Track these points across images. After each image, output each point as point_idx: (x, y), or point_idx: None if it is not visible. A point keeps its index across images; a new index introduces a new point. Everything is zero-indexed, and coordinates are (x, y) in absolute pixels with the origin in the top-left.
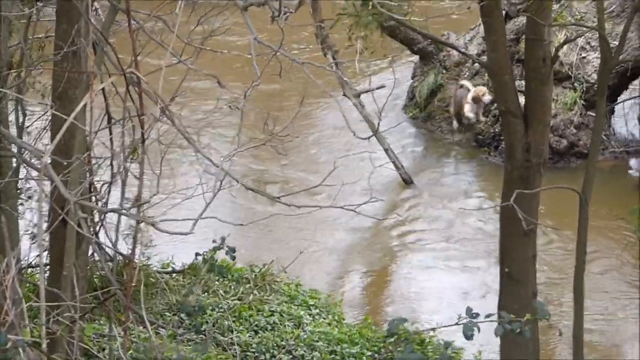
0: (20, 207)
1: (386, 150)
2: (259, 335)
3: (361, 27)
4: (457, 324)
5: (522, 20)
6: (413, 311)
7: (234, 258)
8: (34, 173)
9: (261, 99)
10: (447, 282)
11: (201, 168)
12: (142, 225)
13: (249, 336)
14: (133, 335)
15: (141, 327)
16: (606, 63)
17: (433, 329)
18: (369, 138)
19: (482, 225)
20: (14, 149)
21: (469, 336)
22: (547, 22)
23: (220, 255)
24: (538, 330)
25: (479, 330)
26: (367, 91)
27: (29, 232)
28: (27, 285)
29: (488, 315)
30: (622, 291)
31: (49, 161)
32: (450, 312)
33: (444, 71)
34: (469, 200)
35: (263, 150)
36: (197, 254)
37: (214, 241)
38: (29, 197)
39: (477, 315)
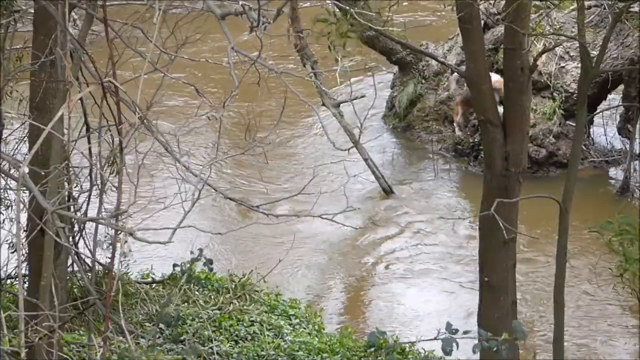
0: None
1: (366, 160)
2: (239, 345)
3: (339, 36)
4: (436, 338)
5: (500, 29)
6: (393, 321)
7: (211, 270)
8: (13, 183)
9: (241, 108)
10: (427, 292)
11: (180, 177)
12: (121, 234)
13: (229, 346)
14: (113, 345)
15: (121, 337)
16: (587, 73)
17: (412, 343)
18: (348, 150)
19: (462, 235)
20: None
21: (447, 352)
22: (525, 31)
23: (200, 265)
24: (518, 346)
25: (457, 346)
26: (346, 101)
27: (9, 242)
28: (7, 295)
29: (466, 332)
30: (601, 300)
31: (27, 171)
32: (430, 322)
33: (423, 81)
34: (448, 209)
35: (243, 159)
36: (174, 265)
37: (191, 252)
38: (8, 207)
39: (456, 331)
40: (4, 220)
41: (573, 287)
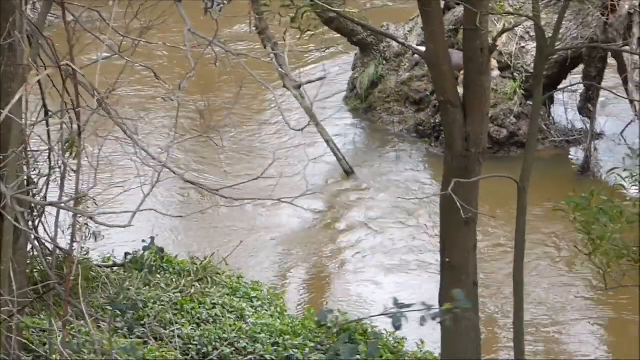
0: None
1: (327, 142)
2: (201, 328)
3: (299, 17)
4: (383, 314)
5: (461, 10)
6: (355, 302)
7: (162, 258)
8: None
9: (200, 91)
10: (388, 271)
11: (139, 161)
12: (81, 219)
13: (191, 329)
14: (73, 330)
15: (82, 321)
16: (542, 52)
17: (360, 320)
18: (302, 130)
19: (423, 216)
20: None
21: (397, 327)
22: (483, 11)
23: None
24: (479, 318)
25: (407, 321)
26: (307, 83)
27: None
28: None
29: (408, 305)
30: (562, 280)
31: None
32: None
33: (384, 62)
34: (409, 190)
35: (202, 142)
36: (126, 254)
37: (143, 241)
38: None
39: (404, 305)
40: None
41: (533, 265)
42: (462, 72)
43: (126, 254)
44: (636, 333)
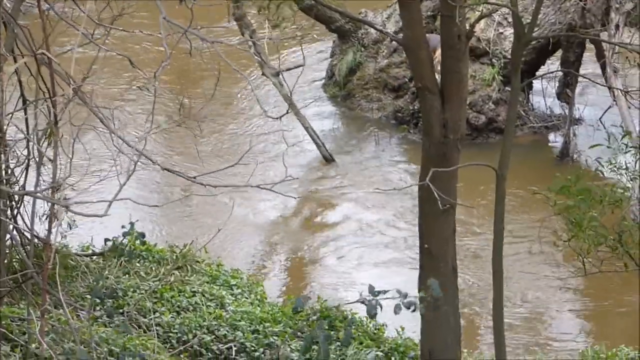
0: None
1: (306, 129)
2: (181, 316)
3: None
4: (358, 301)
5: None
6: (334, 288)
7: (144, 243)
8: None
9: (178, 79)
10: (368, 258)
11: (116, 149)
12: (57, 207)
13: (171, 317)
14: (52, 319)
15: (61, 310)
16: (520, 39)
17: (337, 307)
18: (280, 118)
19: (402, 203)
20: None
21: (372, 315)
22: (460, 1)
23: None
24: (458, 305)
25: (381, 308)
26: (285, 70)
27: None
28: None
29: (383, 292)
30: (541, 267)
31: None
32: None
33: (363, 49)
34: (388, 176)
35: (179, 130)
36: (106, 240)
37: (122, 226)
38: None
39: (379, 293)
40: None
41: (512, 252)
42: (436, 52)
43: (106, 240)
44: (616, 320)
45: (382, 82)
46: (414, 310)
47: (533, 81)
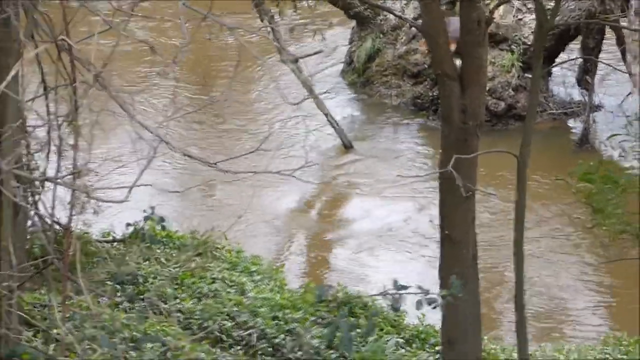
0: None
1: (326, 115)
2: (202, 302)
3: None
4: (381, 294)
5: None
6: (355, 275)
7: (164, 227)
8: None
9: (198, 65)
10: (388, 245)
11: (136, 135)
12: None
13: (192, 303)
14: (74, 305)
15: (82, 297)
16: (541, 26)
17: (360, 296)
18: (298, 104)
19: (421, 188)
20: None
21: (395, 308)
22: None
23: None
24: (479, 292)
25: (404, 303)
26: (304, 56)
27: None
28: None
29: (405, 287)
30: (563, 253)
31: None
32: (390, 275)
33: (382, 35)
34: (408, 163)
35: (200, 116)
36: (127, 224)
37: (144, 211)
38: None
39: (403, 287)
40: None
41: (533, 239)
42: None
43: (127, 224)
44: (638, 307)
45: (401, 69)
46: (434, 307)
47: (552, 68)
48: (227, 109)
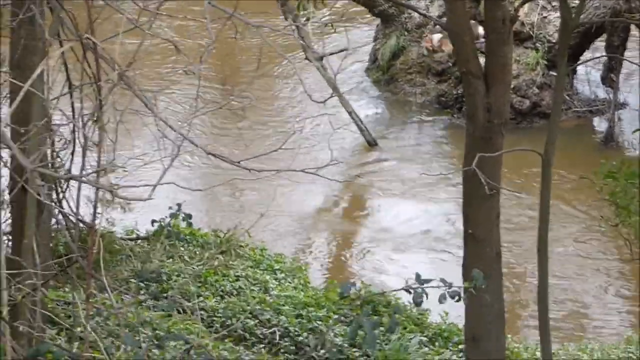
0: None
1: (350, 113)
2: (225, 300)
3: None
4: (404, 289)
5: None
6: (377, 273)
7: (190, 224)
8: None
9: (223, 64)
10: (413, 243)
11: (159, 133)
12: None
13: (215, 301)
14: (98, 302)
15: (106, 294)
16: (566, 25)
17: (383, 293)
18: (324, 102)
19: (445, 187)
20: None
21: (418, 303)
22: None
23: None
24: (502, 290)
25: (427, 297)
26: (329, 54)
27: None
28: None
29: (427, 281)
30: (587, 251)
31: (7, 129)
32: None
33: (406, 33)
34: (432, 162)
35: (223, 114)
36: (153, 221)
37: (170, 208)
38: None
39: (425, 281)
40: None
41: (557, 237)
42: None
43: (153, 221)
44: None
45: (425, 67)
46: (457, 300)
47: (577, 65)
48: (251, 108)
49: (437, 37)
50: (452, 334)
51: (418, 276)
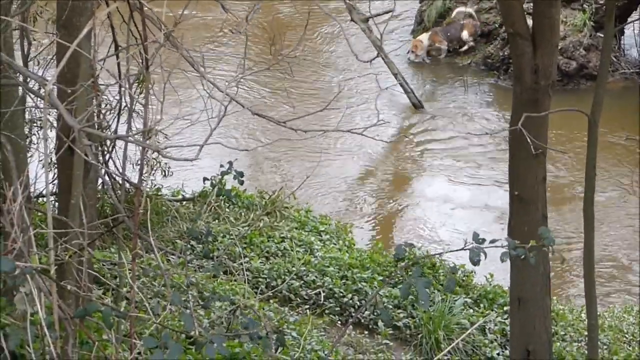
0: (33, 137)
1: (395, 75)
2: (270, 262)
3: None
4: (462, 249)
5: None
6: (423, 235)
7: (242, 182)
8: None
9: (269, 26)
10: (458, 205)
11: (206, 94)
12: (150, 152)
13: (260, 262)
14: (143, 263)
15: (152, 255)
16: None
17: (439, 254)
18: (370, 61)
19: (492, 149)
20: (20, 78)
21: (475, 262)
22: None
23: (231, 183)
24: (548, 254)
25: (485, 256)
26: (374, 15)
27: (41, 160)
28: (38, 214)
29: (493, 241)
30: (631, 214)
31: (54, 89)
32: (460, 235)
33: None
34: (478, 123)
35: (269, 75)
36: (204, 179)
37: (221, 166)
38: (41, 127)
39: (484, 240)
40: (38, 141)
41: (603, 199)
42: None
43: (204, 179)
44: None
45: None
46: (504, 260)
47: (625, 27)
48: (296, 69)
49: (425, 36)
50: (497, 296)
51: (476, 235)
